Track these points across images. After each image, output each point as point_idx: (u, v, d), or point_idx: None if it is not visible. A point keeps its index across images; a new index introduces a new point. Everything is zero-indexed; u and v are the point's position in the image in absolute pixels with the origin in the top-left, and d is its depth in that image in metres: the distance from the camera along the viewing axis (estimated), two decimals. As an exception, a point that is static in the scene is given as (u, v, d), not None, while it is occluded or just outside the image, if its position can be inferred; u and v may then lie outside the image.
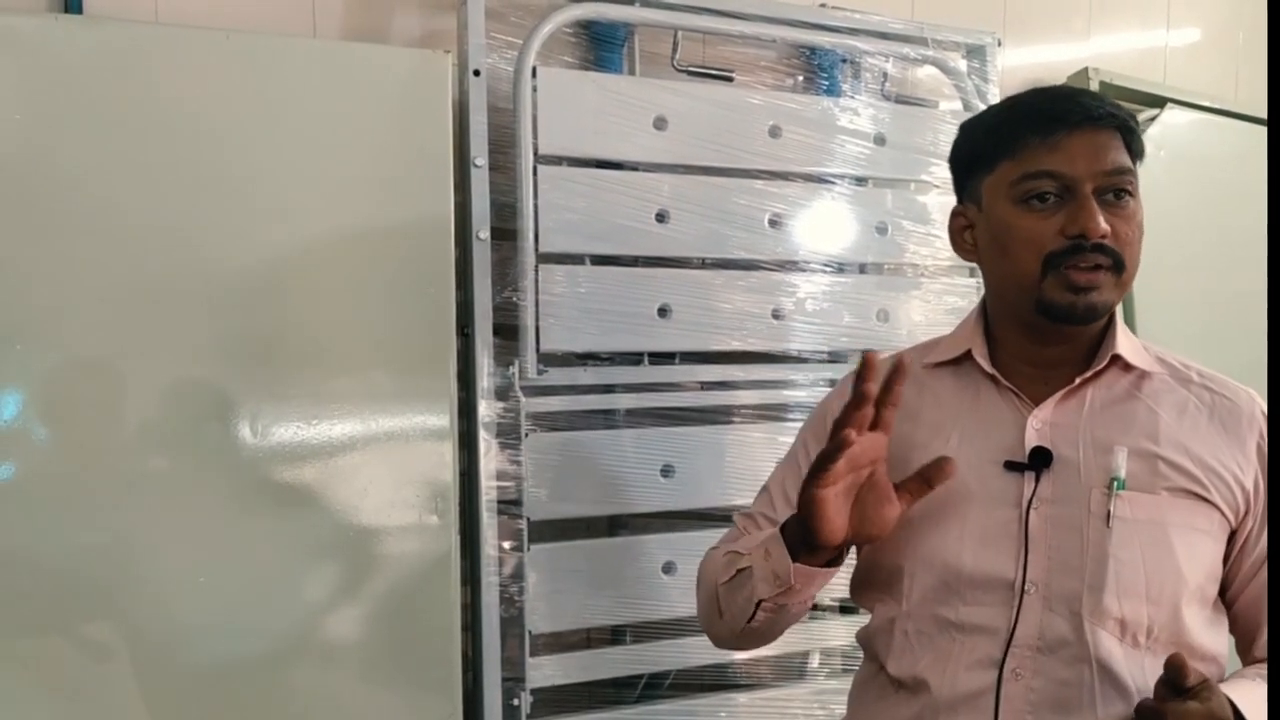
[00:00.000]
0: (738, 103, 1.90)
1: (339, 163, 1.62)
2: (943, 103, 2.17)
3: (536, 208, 1.73)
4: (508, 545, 1.73)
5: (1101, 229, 1.08)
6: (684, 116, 1.85)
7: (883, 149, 2.01)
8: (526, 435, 1.73)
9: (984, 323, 1.23)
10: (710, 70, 1.97)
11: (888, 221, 2.02)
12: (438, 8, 1.82)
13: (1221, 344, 1.98)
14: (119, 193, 1.50)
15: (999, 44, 2.15)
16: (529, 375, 1.73)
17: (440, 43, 1.79)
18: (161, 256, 1.53)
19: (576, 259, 1.80)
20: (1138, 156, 1.14)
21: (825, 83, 2.04)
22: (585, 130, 1.78)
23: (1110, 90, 2.31)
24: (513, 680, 1.73)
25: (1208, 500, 1.13)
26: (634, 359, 1.85)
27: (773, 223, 1.92)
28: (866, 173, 2.01)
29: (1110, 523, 1.11)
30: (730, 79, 1.98)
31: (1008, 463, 1.15)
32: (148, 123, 1.52)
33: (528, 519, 1.73)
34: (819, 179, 1.97)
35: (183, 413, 1.55)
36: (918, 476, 1.11)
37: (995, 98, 2.08)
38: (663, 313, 1.83)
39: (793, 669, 2.00)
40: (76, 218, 1.48)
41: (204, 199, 1.55)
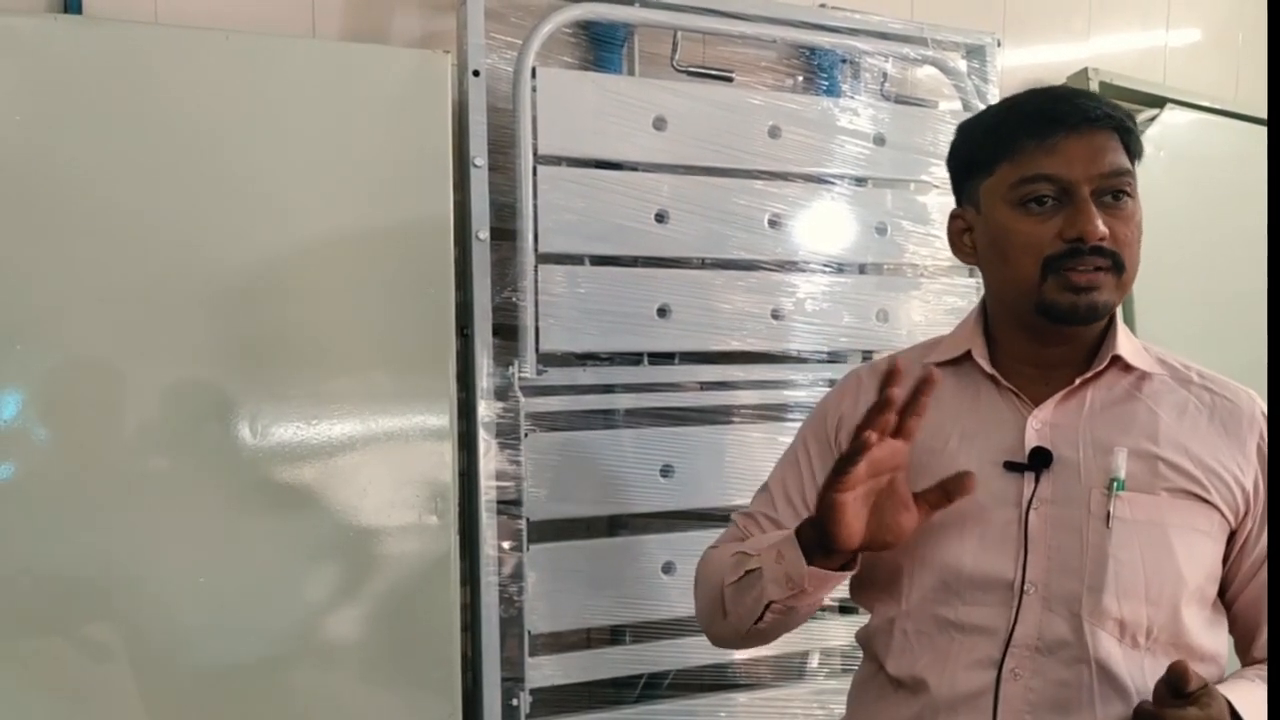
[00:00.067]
0: (737, 103, 1.90)
1: (339, 163, 1.62)
2: (942, 103, 2.17)
3: (536, 208, 1.73)
4: (507, 545, 1.72)
5: (1099, 232, 1.08)
6: (683, 117, 1.85)
7: (882, 149, 2.01)
8: (526, 435, 1.73)
9: (984, 323, 1.23)
10: (710, 70, 1.97)
11: (887, 222, 2.02)
12: (437, 8, 1.82)
13: (1221, 344, 1.97)
14: (119, 193, 1.50)
15: (998, 44, 2.15)
16: (528, 375, 1.73)
17: (440, 43, 1.79)
18: (161, 257, 1.53)
19: (576, 259, 1.80)
20: (1136, 157, 1.14)
21: (825, 83, 2.04)
22: (585, 130, 1.78)
23: (1110, 90, 2.31)
24: (512, 680, 1.73)
25: (1207, 501, 1.13)
26: (633, 359, 1.85)
27: (772, 223, 1.91)
28: (866, 173, 2.01)
29: (1110, 523, 1.11)
30: (730, 79, 1.98)
31: (1008, 463, 1.14)
32: (147, 123, 1.52)
33: (527, 519, 1.73)
34: (819, 179, 1.97)
35: (183, 413, 1.55)
36: (938, 488, 1.10)
37: (995, 98, 2.08)
38: (662, 313, 1.83)
39: (792, 669, 2.00)
40: (76, 218, 1.48)
41: (204, 199, 1.55)
